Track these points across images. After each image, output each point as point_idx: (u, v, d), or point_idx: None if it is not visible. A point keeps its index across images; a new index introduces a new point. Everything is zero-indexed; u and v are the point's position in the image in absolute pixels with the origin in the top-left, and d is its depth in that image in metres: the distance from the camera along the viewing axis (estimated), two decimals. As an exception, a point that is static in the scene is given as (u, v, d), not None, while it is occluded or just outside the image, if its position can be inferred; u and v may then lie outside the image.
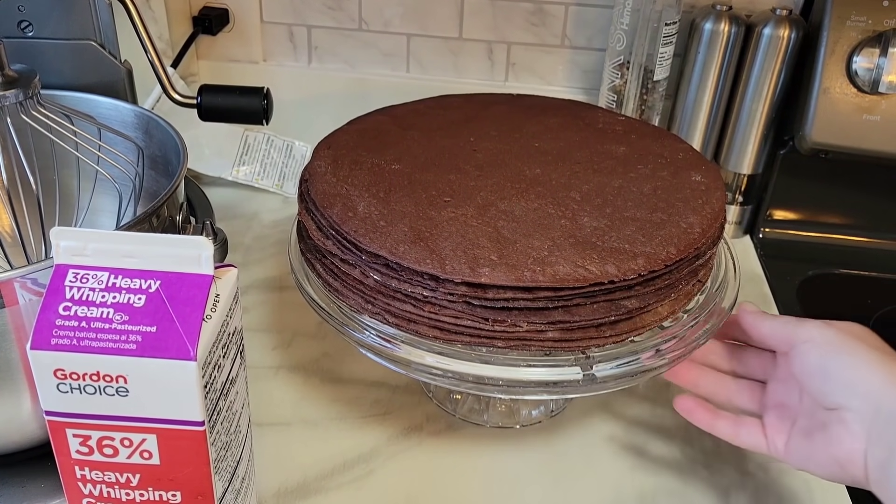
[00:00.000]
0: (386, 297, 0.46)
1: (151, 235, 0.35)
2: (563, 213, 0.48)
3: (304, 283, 0.52)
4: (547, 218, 0.48)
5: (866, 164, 0.76)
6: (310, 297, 0.50)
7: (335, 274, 0.49)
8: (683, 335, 0.48)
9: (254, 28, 0.91)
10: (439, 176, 0.52)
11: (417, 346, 0.46)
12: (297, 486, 0.51)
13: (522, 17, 0.86)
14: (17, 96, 0.50)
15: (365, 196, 0.49)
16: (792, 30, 0.75)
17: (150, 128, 0.58)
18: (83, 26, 0.61)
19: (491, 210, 0.48)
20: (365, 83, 0.92)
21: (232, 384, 0.39)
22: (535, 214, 0.48)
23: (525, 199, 0.50)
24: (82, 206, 0.60)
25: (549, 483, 0.52)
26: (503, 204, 0.49)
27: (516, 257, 0.44)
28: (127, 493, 0.37)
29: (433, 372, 0.46)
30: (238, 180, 0.84)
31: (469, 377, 0.45)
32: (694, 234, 0.47)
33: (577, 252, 0.45)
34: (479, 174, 0.52)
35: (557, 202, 0.49)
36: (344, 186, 0.51)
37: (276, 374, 0.60)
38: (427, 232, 0.46)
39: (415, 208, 0.48)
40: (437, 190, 0.50)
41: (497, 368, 0.45)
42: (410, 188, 0.50)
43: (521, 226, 0.47)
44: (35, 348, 0.34)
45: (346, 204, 0.49)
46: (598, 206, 0.49)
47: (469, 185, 0.51)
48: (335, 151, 0.55)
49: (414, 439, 0.55)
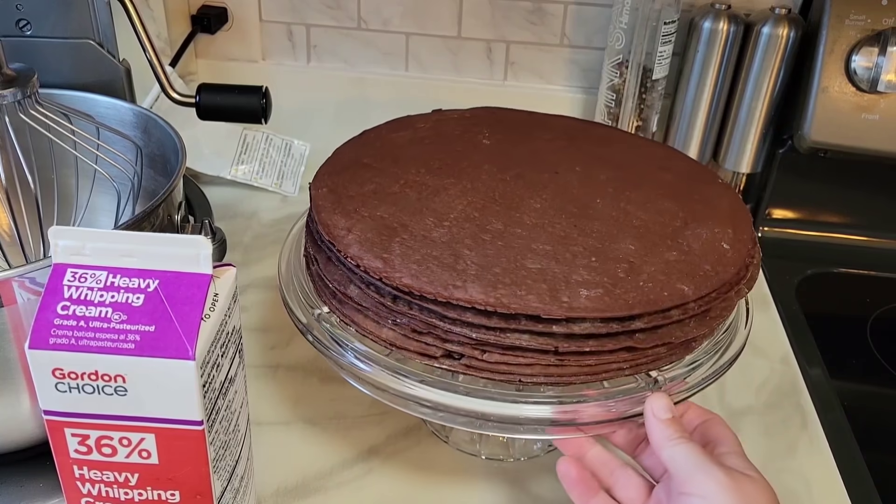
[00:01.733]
0: (433, 336, 0.43)
1: (150, 235, 0.35)
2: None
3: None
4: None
5: (865, 163, 0.76)
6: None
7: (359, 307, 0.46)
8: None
9: (252, 27, 0.91)
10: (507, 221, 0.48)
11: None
12: (296, 486, 0.51)
13: (521, 16, 0.86)
14: (15, 95, 0.50)
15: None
16: (791, 29, 0.75)
17: (148, 127, 0.57)
18: (82, 25, 0.61)
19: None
20: (364, 82, 0.91)
21: (231, 383, 0.39)
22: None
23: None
24: (81, 205, 0.60)
25: (550, 480, 0.52)
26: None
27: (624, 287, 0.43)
28: (125, 492, 0.37)
29: (490, 421, 0.43)
30: (237, 179, 0.84)
31: (545, 420, 0.43)
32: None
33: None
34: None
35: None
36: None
37: (274, 374, 0.60)
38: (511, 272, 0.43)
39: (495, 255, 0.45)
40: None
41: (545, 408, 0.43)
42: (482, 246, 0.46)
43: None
44: (33, 348, 0.33)
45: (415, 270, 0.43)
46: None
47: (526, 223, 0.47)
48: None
49: (413, 438, 0.55)
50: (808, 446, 0.55)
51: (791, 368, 0.63)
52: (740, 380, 0.61)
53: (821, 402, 0.60)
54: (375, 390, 0.45)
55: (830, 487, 0.52)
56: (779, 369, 0.63)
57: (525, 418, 0.43)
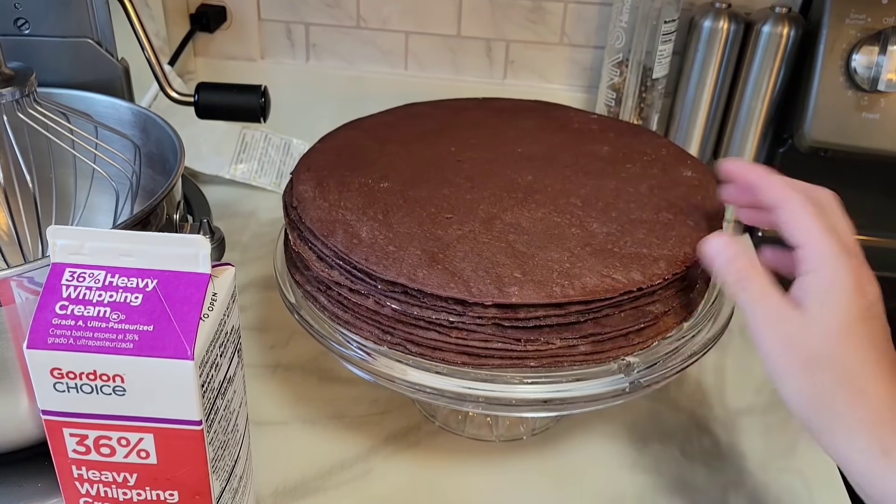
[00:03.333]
0: (406, 325, 0.44)
1: (148, 234, 0.35)
2: (570, 221, 0.48)
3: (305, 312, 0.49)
4: (556, 227, 0.47)
5: (865, 162, 0.76)
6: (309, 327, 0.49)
7: (344, 306, 0.46)
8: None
9: (251, 25, 0.91)
10: (432, 191, 0.50)
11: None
12: (295, 485, 0.51)
13: (521, 15, 0.86)
14: (13, 94, 0.50)
15: (364, 220, 0.47)
16: (791, 28, 0.75)
17: (147, 126, 0.57)
18: (80, 24, 0.61)
19: (497, 223, 0.47)
20: (363, 81, 0.91)
21: (229, 383, 0.39)
22: (543, 224, 0.47)
23: (527, 208, 0.49)
24: (79, 204, 0.60)
25: (550, 481, 0.52)
26: (507, 216, 0.48)
27: (540, 272, 0.43)
28: (124, 492, 0.37)
29: (468, 398, 0.44)
30: (236, 178, 0.84)
31: (512, 400, 0.44)
32: (703, 231, 0.47)
33: (599, 261, 0.44)
34: (471, 186, 0.51)
35: (560, 209, 0.49)
36: (339, 211, 0.48)
37: (273, 373, 0.60)
38: (441, 253, 0.45)
39: (419, 228, 0.47)
40: (435, 207, 0.49)
41: (541, 388, 0.44)
42: (408, 207, 0.49)
43: (533, 238, 0.46)
44: (32, 347, 0.33)
45: (347, 230, 0.47)
46: (601, 210, 0.49)
47: (465, 198, 0.50)
48: (317, 173, 0.53)
49: (412, 438, 0.55)
50: (808, 446, 0.55)
51: (791, 368, 0.63)
52: (740, 379, 0.61)
53: (821, 402, 0.60)
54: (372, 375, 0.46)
55: (830, 487, 0.52)
56: (779, 369, 0.63)
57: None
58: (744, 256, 0.42)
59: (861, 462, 0.37)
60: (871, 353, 0.38)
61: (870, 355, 0.38)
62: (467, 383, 0.44)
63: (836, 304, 0.39)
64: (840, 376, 0.38)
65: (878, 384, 0.37)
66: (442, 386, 0.44)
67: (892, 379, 0.38)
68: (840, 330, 0.38)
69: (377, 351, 0.45)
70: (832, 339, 0.38)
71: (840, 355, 0.38)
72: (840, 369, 0.38)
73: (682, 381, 0.60)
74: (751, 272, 0.41)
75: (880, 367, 0.38)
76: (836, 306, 0.39)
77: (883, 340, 0.39)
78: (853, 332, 0.38)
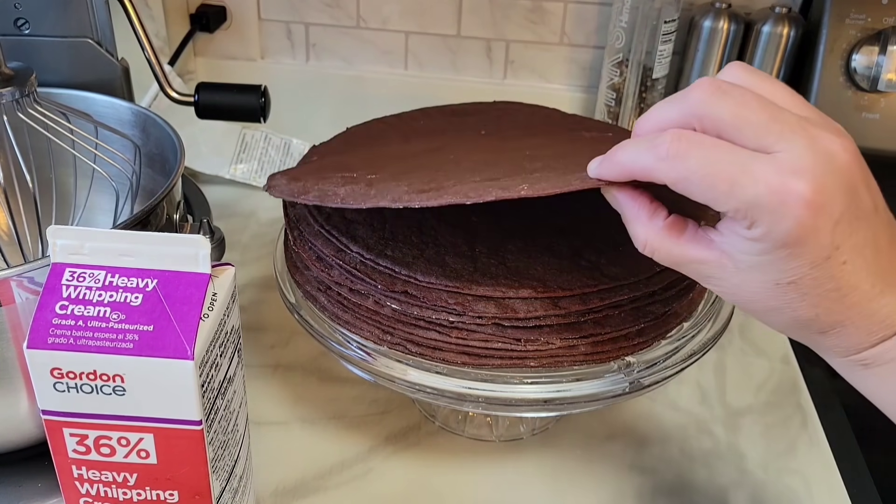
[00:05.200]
0: (406, 325, 0.44)
1: (148, 234, 0.35)
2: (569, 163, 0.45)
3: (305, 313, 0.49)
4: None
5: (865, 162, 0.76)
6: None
7: (344, 306, 0.46)
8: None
9: (251, 25, 0.91)
10: (419, 165, 0.48)
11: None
12: (295, 485, 0.51)
13: (521, 15, 0.86)
14: (13, 94, 0.50)
15: (343, 184, 0.45)
16: (791, 27, 0.75)
17: (147, 126, 0.57)
18: (80, 24, 0.61)
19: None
20: (363, 81, 0.91)
21: (229, 383, 0.39)
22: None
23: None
24: (79, 204, 0.60)
25: (549, 482, 0.52)
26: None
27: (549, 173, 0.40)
28: (124, 492, 0.37)
29: (468, 398, 0.44)
30: (235, 178, 0.84)
31: (512, 400, 0.44)
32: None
33: (587, 157, 0.40)
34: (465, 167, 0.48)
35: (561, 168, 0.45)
36: (317, 184, 0.47)
37: (273, 373, 0.60)
38: (426, 186, 0.42)
39: (405, 179, 0.44)
40: (420, 174, 0.45)
41: (541, 388, 0.44)
42: (393, 179, 0.45)
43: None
44: (32, 347, 0.33)
45: (324, 191, 0.44)
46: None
47: (453, 167, 0.46)
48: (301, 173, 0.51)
49: (412, 438, 0.55)
50: (808, 446, 0.55)
51: (791, 368, 0.63)
52: (740, 379, 0.61)
53: (821, 402, 0.60)
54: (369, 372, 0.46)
55: (830, 487, 0.52)
56: (779, 368, 0.63)
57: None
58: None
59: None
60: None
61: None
62: (467, 383, 0.44)
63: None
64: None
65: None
66: (442, 386, 0.44)
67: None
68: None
69: (377, 351, 0.45)
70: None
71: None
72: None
73: (682, 381, 0.60)
74: None
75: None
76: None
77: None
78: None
